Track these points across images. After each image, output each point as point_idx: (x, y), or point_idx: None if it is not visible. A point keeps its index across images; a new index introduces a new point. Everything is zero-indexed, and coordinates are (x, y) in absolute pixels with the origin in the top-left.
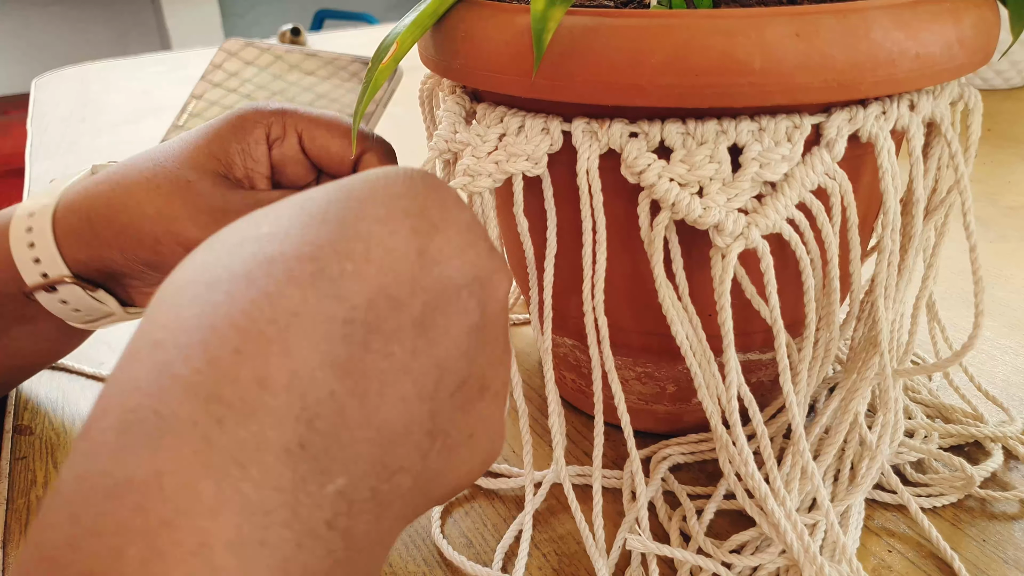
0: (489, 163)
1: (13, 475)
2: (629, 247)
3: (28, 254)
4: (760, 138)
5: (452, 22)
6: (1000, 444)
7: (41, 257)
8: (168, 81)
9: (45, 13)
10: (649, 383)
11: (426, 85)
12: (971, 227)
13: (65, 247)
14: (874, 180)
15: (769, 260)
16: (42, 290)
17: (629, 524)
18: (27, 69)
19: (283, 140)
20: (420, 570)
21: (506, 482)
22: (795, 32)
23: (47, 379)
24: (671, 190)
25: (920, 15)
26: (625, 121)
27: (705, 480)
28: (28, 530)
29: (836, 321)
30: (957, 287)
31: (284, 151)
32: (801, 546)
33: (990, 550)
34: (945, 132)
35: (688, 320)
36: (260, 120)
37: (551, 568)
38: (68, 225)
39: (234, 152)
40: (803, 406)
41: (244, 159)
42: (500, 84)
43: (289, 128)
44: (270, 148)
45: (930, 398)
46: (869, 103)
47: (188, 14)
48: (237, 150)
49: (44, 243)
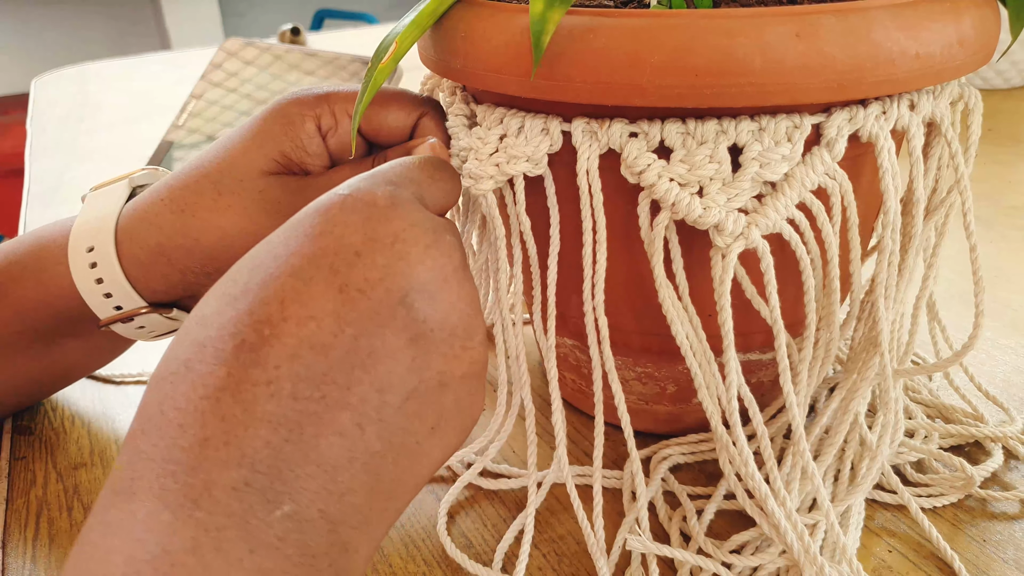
0: (490, 165)
1: (13, 475)
2: (629, 247)
3: (97, 288)
4: (760, 138)
5: (451, 22)
6: (1000, 444)
7: (112, 292)
8: (168, 81)
9: (45, 13)
10: (649, 383)
11: (426, 85)
12: (971, 227)
13: (137, 279)
14: (874, 180)
15: (769, 260)
16: (118, 322)
17: (629, 524)
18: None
19: (336, 128)
20: (420, 570)
21: (506, 482)
22: (795, 32)
23: None
24: (671, 190)
25: (920, 15)
26: (625, 121)
27: (705, 480)
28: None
29: (836, 321)
30: (957, 287)
31: (340, 138)
32: (801, 546)
33: (990, 550)
34: (945, 132)
35: (688, 320)
36: (307, 113)
37: (551, 568)
38: (136, 258)
39: (289, 151)
40: (803, 406)
41: (300, 155)
42: (500, 84)
43: (340, 114)
44: (324, 138)
45: (930, 398)
46: (869, 103)
47: (188, 14)
48: (291, 148)
49: (113, 278)
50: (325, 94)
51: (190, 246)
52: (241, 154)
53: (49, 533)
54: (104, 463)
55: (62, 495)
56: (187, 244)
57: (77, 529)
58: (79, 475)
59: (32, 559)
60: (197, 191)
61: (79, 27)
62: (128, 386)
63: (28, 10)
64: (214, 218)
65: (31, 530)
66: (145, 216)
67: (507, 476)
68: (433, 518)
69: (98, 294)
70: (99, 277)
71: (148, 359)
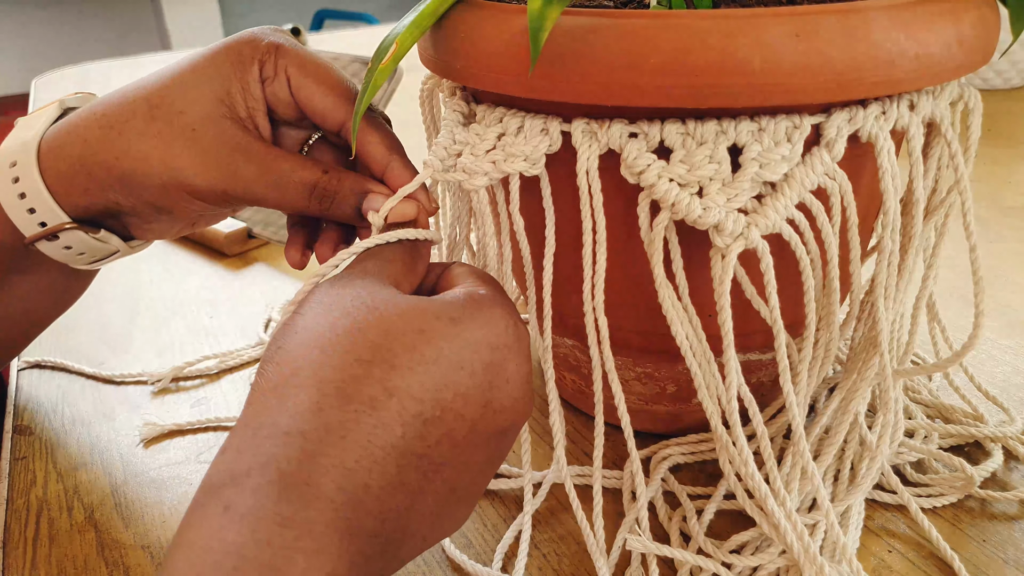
0: (486, 162)
1: (13, 475)
2: (629, 247)
3: (20, 204)
4: (760, 138)
5: (452, 22)
6: (1000, 444)
7: (35, 206)
8: None
9: (45, 13)
10: (649, 383)
11: (426, 86)
12: (971, 227)
13: (60, 194)
14: (874, 180)
15: (769, 260)
16: (43, 239)
17: (629, 524)
18: (27, 69)
19: (273, 80)
20: (420, 570)
21: (506, 482)
22: (795, 32)
23: (47, 379)
24: (671, 190)
25: (920, 15)
26: (625, 121)
27: (705, 480)
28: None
29: (836, 321)
30: (957, 287)
31: (275, 91)
32: (801, 546)
33: (990, 550)
34: (945, 132)
35: (688, 320)
36: (256, 56)
37: (551, 568)
38: (59, 171)
39: (235, 91)
40: (803, 406)
41: (245, 97)
42: (499, 84)
43: (280, 69)
44: (263, 85)
45: (930, 398)
46: (869, 103)
47: (188, 14)
48: (238, 88)
49: (35, 191)
50: (276, 45)
51: (111, 164)
52: (189, 85)
53: (49, 533)
54: (104, 463)
55: (62, 495)
56: (108, 161)
57: (77, 529)
58: (79, 475)
59: (32, 559)
60: (131, 111)
61: (80, 27)
62: (128, 386)
63: (28, 10)
64: (139, 142)
65: (31, 530)
66: (73, 129)
67: (507, 476)
68: None
69: (22, 209)
70: (22, 192)
71: (149, 358)
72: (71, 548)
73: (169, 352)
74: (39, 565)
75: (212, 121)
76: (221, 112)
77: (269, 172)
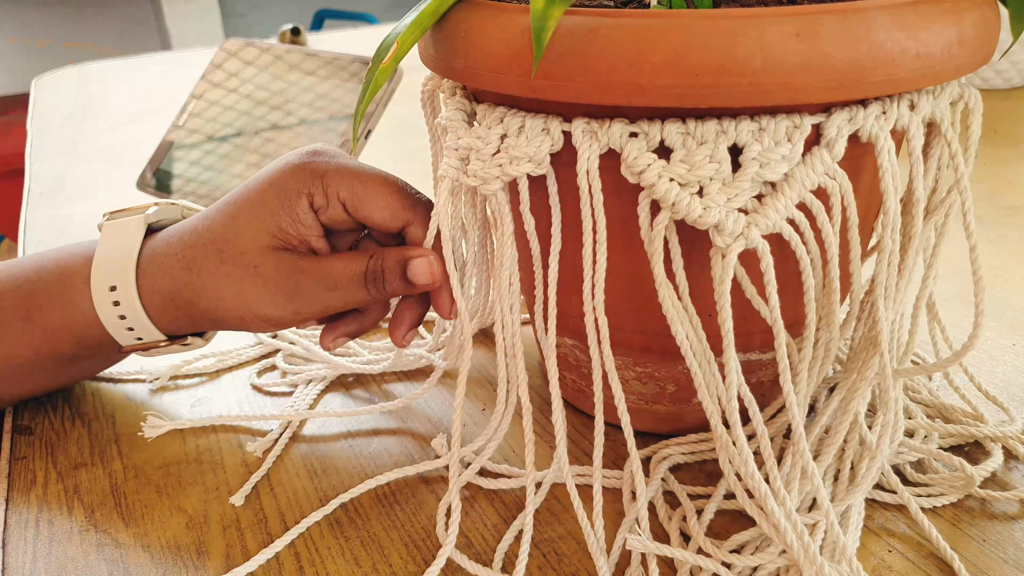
0: (494, 166)
1: (13, 475)
2: (629, 247)
3: (121, 324)
4: (760, 138)
5: (452, 22)
6: (1000, 444)
7: (135, 327)
8: (168, 81)
9: (45, 13)
10: (649, 383)
11: (427, 86)
12: (971, 227)
13: (157, 320)
14: (874, 180)
15: (769, 260)
16: (139, 349)
17: (629, 524)
18: (27, 69)
19: (327, 209)
20: (420, 570)
21: (506, 482)
22: (795, 32)
23: None
24: (671, 190)
25: (920, 15)
26: (625, 121)
27: (705, 480)
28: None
29: (836, 321)
30: (957, 287)
31: (331, 217)
32: (801, 546)
33: (990, 550)
34: (945, 132)
35: (688, 320)
36: (303, 190)
37: (551, 568)
38: (154, 304)
39: (286, 225)
40: (803, 406)
41: (297, 228)
42: (500, 84)
43: (331, 196)
44: (316, 214)
45: (930, 398)
46: (869, 103)
47: (188, 14)
48: (288, 223)
49: (136, 317)
50: (321, 172)
51: (194, 301)
52: (242, 225)
53: (49, 533)
54: (104, 463)
55: (62, 495)
56: (191, 299)
57: (77, 529)
58: (79, 475)
59: (32, 559)
60: (204, 253)
61: (80, 27)
62: (128, 385)
63: (28, 10)
64: (214, 282)
65: (31, 530)
66: (161, 265)
67: (507, 476)
68: (433, 518)
69: (122, 328)
70: (122, 314)
71: (148, 359)
72: (71, 548)
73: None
74: (39, 565)
75: (269, 254)
76: (274, 244)
77: (325, 280)
